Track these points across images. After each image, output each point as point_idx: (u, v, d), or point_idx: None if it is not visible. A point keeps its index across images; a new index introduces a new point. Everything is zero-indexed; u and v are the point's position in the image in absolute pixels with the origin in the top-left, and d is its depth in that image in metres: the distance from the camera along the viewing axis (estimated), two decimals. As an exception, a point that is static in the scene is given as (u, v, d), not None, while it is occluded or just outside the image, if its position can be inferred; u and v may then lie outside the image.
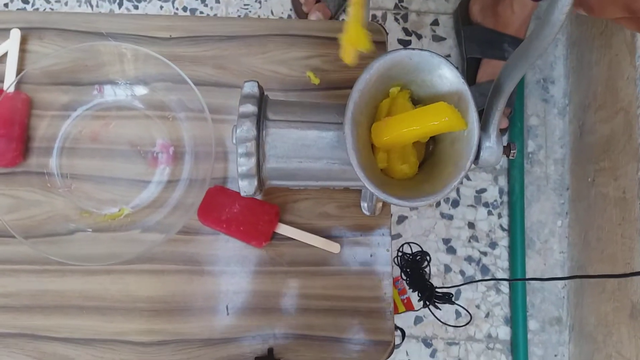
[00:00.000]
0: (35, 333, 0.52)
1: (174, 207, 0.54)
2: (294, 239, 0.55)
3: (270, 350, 0.52)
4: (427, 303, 0.70)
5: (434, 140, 0.43)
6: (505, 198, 1.10)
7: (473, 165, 0.45)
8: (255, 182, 0.42)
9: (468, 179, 1.10)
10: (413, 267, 0.69)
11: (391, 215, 0.57)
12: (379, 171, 0.40)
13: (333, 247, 0.55)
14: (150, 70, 0.55)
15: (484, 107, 0.40)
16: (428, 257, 0.72)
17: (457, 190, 1.10)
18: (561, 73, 1.17)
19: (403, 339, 0.70)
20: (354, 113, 0.38)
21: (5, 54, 0.55)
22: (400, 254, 0.68)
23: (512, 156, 0.44)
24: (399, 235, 1.07)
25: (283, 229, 0.54)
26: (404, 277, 0.71)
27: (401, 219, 1.09)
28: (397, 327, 0.71)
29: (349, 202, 0.56)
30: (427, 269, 0.71)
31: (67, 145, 0.55)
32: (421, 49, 0.38)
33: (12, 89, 0.53)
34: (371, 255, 0.55)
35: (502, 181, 1.11)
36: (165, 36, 0.58)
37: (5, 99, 0.53)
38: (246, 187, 0.42)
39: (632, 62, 0.91)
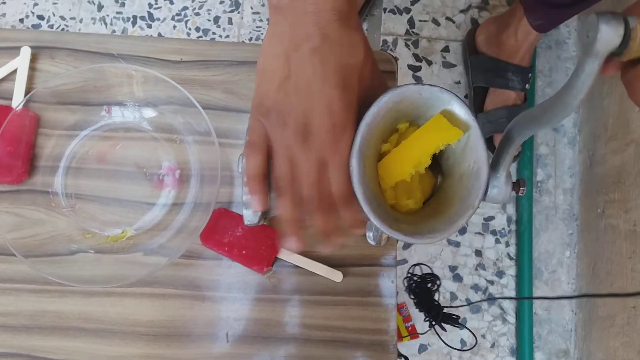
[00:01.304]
0: (32, 354, 0.51)
1: (177, 231, 0.54)
2: (297, 267, 0.54)
3: (269, 381, 0.51)
4: (433, 323, 0.69)
5: (442, 175, 0.42)
6: (513, 226, 1.09)
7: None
8: (260, 212, 0.41)
9: (476, 205, 1.09)
10: (422, 287, 0.68)
11: (397, 242, 0.56)
12: (386, 205, 0.39)
13: (335, 275, 0.54)
14: (159, 92, 0.55)
15: (492, 135, 0.40)
16: (438, 282, 0.71)
17: (465, 217, 1.09)
18: (572, 102, 1.16)
19: None
20: (361, 146, 0.37)
21: (15, 71, 0.56)
22: (409, 274, 0.67)
23: (522, 193, 0.44)
24: (404, 261, 1.06)
25: (285, 255, 0.54)
26: (412, 297, 0.70)
27: (407, 245, 1.07)
28: (400, 355, 0.70)
29: (354, 230, 0.55)
30: (436, 292, 0.70)
31: (73, 165, 0.55)
32: (431, 85, 0.38)
33: (20, 107, 0.53)
34: (375, 286, 0.54)
35: (511, 209, 1.10)
36: (176, 59, 0.58)
37: (14, 117, 0.53)
38: (250, 217, 0.42)
39: (644, 94, 0.90)
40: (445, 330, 0.70)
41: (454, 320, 0.66)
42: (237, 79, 0.58)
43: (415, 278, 0.71)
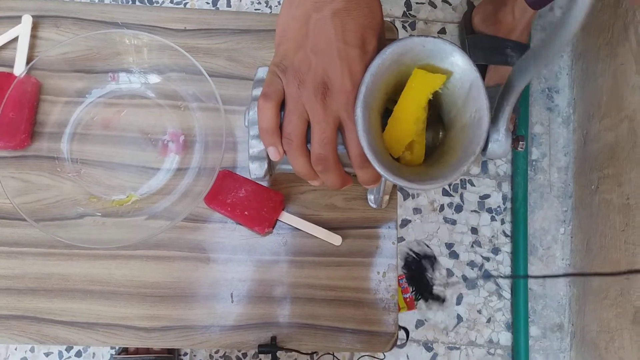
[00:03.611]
0: (37, 316, 0.52)
1: (182, 195, 0.55)
2: (300, 230, 0.55)
3: (274, 339, 0.52)
4: (419, 297, 0.70)
5: (444, 130, 0.43)
6: (508, 204, 1.10)
7: (482, 157, 0.46)
8: (266, 165, 0.42)
9: (472, 184, 1.11)
10: (418, 264, 0.69)
11: (397, 205, 0.57)
12: (388, 156, 0.40)
13: (335, 239, 0.55)
14: (164, 60, 0.55)
15: (495, 106, 0.41)
16: (434, 263, 0.71)
17: (461, 196, 1.10)
18: (566, 83, 1.18)
19: (407, 338, 0.70)
20: (365, 96, 0.38)
21: (16, 39, 0.56)
22: (408, 249, 0.67)
23: (521, 148, 0.45)
24: (402, 239, 1.07)
25: (286, 218, 0.55)
26: (404, 271, 0.71)
27: (404, 223, 1.09)
28: (401, 327, 0.71)
29: (356, 194, 0.56)
30: (429, 271, 0.71)
31: (78, 131, 0.56)
32: (434, 36, 0.39)
33: (23, 74, 0.54)
34: (377, 248, 0.55)
35: (506, 187, 1.11)
36: (179, 28, 0.59)
37: (17, 83, 0.53)
38: (256, 170, 0.42)
39: (637, 70, 0.92)
40: (430, 309, 0.72)
41: (438, 299, 0.67)
42: (241, 47, 0.58)
43: (412, 254, 0.71)
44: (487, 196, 1.10)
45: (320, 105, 0.39)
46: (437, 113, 0.43)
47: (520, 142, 0.45)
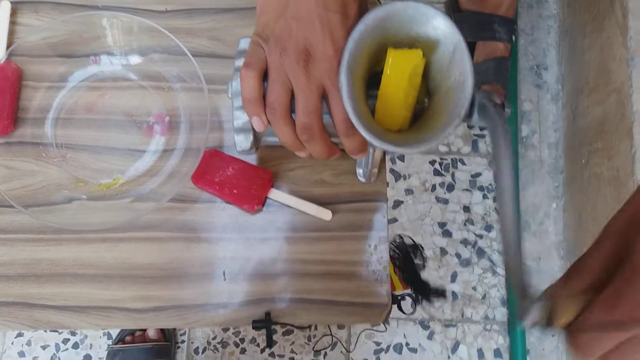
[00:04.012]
0: (28, 301, 0.52)
1: (168, 176, 0.54)
2: (290, 207, 0.55)
3: (268, 314, 0.52)
4: (421, 300, 0.67)
5: (429, 94, 0.43)
6: (500, 182, 1.10)
7: (469, 123, 0.46)
8: (251, 137, 0.42)
9: (463, 163, 1.11)
10: (407, 262, 0.66)
11: (386, 179, 0.57)
12: (373, 122, 0.40)
13: (325, 214, 0.54)
14: (146, 41, 0.55)
15: (480, 86, 0.41)
16: (421, 248, 0.68)
17: (452, 175, 1.10)
18: (554, 60, 1.18)
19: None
20: (349, 62, 0.38)
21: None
22: (392, 245, 0.63)
23: (507, 115, 0.45)
24: (394, 220, 1.07)
25: (276, 195, 0.54)
26: (398, 274, 0.68)
27: (397, 204, 1.09)
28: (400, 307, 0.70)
29: (344, 169, 0.56)
30: (419, 262, 0.69)
31: (62, 116, 0.55)
32: (416, 1, 0.38)
33: (2, 60, 0.53)
34: (368, 221, 0.55)
35: (497, 165, 1.11)
36: (160, 9, 0.58)
37: (-1, 69, 0.53)
38: (242, 142, 0.42)
39: (623, 42, 0.92)
40: (434, 307, 0.71)
41: (441, 294, 0.65)
42: (223, 26, 0.58)
43: (397, 251, 0.66)
44: (478, 174, 1.10)
45: (303, 72, 0.38)
46: (422, 78, 0.43)
47: (506, 109, 0.45)
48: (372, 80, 0.41)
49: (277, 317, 0.52)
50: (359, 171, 0.55)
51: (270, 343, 0.53)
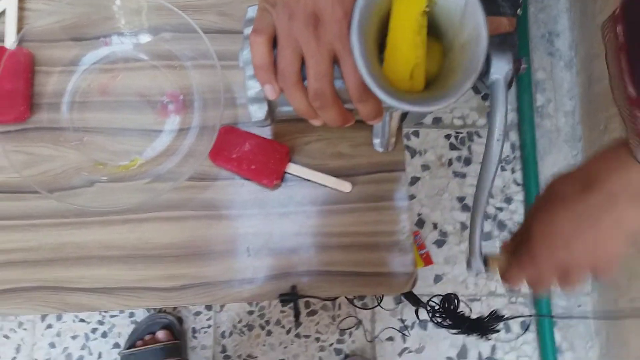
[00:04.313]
0: (58, 285, 0.52)
1: (186, 155, 0.54)
2: (308, 180, 0.54)
3: (294, 287, 0.52)
4: (484, 336, 0.63)
5: (443, 52, 0.42)
6: (517, 153, 1.09)
7: (485, 82, 0.45)
8: (266, 106, 0.42)
9: (479, 136, 1.10)
10: (448, 312, 0.60)
11: (404, 148, 0.56)
12: (388, 82, 0.40)
13: (344, 186, 0.54)
14: (156, 20, 0.55)
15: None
16: (455, 298, 0.62)
17: (469, 148, 1.09)
18: (565, 26, 1.16)
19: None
20: (360, 22, 0.37)
21: (3, 13, 0.55)
22: (429, 307, 0.58)
23: (522, 71, 0.44)
24: (412, 196, 1.07)
25: (294, 169, 0.54)
26: (445, 325, 0.61)
27: (414, 180, 1.08)
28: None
29: (361, 140, 0.56)
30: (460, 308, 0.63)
31: (76, 100, 0.55)
32: (425, -46, 0.38)
33: (14, 46, 0.53)
34: (387, 191, 0.55)
35: (514, 136, 1.10)
36: (167, -12, 0.58)
37: (10, 56, 0.53)
38: (256, 112, 0.42)
39: (638, 1, 0.90)
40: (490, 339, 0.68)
41: (497, 319, 0.57)
42: (230, 1, 0.57)
43: (437, 309, 0.61)
44: (494, 146, 1.09)
45: (312, 37, 0.38)
46: (434, 37, 0.42)
47: (523, 65, 0.44)
48: (383, 46, 0.41)
49: (303, 290, 0.52)
50: (376, 141, 0.55)
51: (297, 315, 0.53)
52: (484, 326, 0.57)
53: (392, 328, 1.04)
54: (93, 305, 0.52)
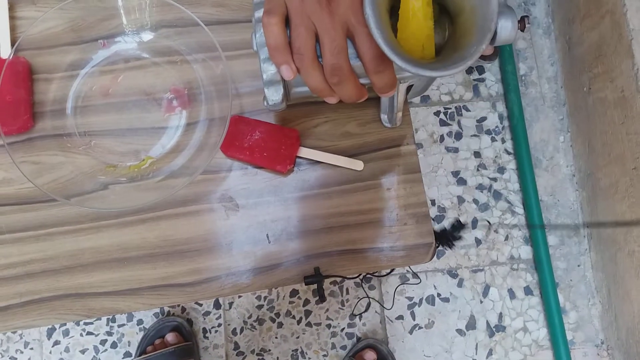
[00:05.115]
0: (80, 292, 0.52)
1: (197, 149, 0.54)
2: (320, 162, 0.55)
3: (317, 269, 0.52)
4: (450, 246, 0.65)
5: (450, 20, 0.43)
6: (505, 123, 1.11)
7: (493, 44, 0.46)
8: (282, 89, 0.42)
9: (467, 109, 1.11)
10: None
11: (411, 122, 0.57)
12: (403, 51, 0.40)
13: (356, 164, 0.55)
14: (153, 17, 0.54)
15: None
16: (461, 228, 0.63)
17: (458, 123, 1.11)
18: (540, -5, 1.18)
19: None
20: (373, -7, 0.37)
21: (-5, 23, 0.54)
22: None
23: (529, 25, 0.45)
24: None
25: (305, 152, 0.54)
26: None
27: (408, 159, 1.09)
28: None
29: (369, 118, 0.56)
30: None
31: (80, 104, 0.55)
32: None
33: (10, 55, 0.52)
34: (399, 165, 0.55)
35: (501, 107, 1.12)
36: (157, -15, 0.57)
37: (8, 66, 0.52)
38: (273, 95, 0.42)
39: (611, -37, 0.92)
40: (462, 239, 0.68)
41: (462, 227, 0.61)
42: (225, -8, 0.57)
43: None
44: (483, 118, 1.11)
45: (326, 12, 0.38)
46: (439, 6, 0.43)
47: (527, 25, 0.45)
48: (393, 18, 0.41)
49: (326, 270, 0.53)
50: (384, 117, 0.55)
51: (322, 296, 0.54)
52: (447, 236, 0.59)
53: (401, 297, 1.05)
54: (118, 308, 0.52)
